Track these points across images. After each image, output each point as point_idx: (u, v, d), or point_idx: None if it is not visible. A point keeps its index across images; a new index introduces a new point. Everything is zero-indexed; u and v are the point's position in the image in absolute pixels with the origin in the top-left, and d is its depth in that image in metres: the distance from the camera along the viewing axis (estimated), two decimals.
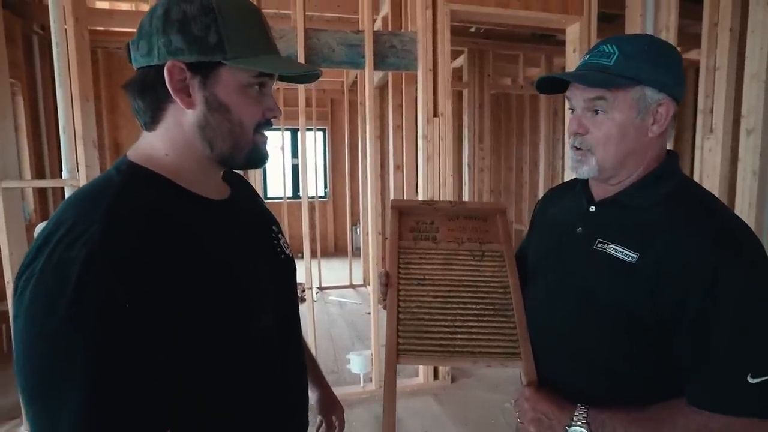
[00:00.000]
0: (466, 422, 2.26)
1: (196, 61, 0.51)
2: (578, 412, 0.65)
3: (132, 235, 0.46)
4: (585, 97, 0.68)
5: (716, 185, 2.58)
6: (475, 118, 4.56)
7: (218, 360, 0.52)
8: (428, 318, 0.76)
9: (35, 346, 0.43)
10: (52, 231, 0.46)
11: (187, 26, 0.50)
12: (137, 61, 0.54)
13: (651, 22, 2.73)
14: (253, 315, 0.57)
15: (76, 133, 2.12)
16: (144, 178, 0.53)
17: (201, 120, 0.54)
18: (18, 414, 2.19)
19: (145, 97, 0.54)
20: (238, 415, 0.56)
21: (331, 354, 3.13)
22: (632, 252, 0.65)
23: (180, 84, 0.52)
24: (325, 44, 2.37)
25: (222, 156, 0.56)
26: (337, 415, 0.88)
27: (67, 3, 2.04)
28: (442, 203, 0.90)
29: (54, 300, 0.42)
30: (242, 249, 0.60)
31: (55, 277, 0.43)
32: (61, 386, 0.41)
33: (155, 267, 0.46)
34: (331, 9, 3.93)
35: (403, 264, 0.82)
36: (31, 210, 3.77)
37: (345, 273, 5.01)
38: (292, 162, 6.26)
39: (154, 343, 0.45)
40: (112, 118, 5.00)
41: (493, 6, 2.45)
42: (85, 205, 0.49)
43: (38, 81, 3.95)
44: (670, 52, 0.67)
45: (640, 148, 0.68)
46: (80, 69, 2.07)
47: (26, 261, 0.46)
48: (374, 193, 2.65)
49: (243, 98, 0.55)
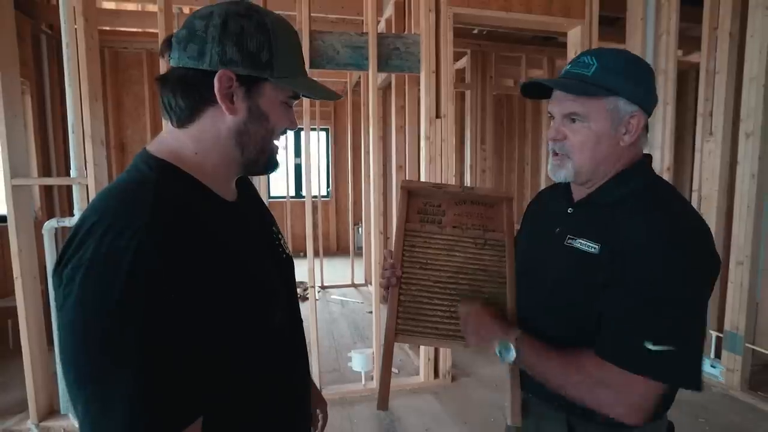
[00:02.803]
0: (466, 420, 2.28)
1: (246, 74, 0.55)
2: (512, 331, 0.72)
3: (174, 230, 0.48)
4: (562, 111, 0.74)
5: (715, 188, 2.60)
6: (478, 120, 4.59)
7: (241, 353, 0.55)
8: (427, 301, 0.80)
9: (89, 332, 0.44)
10: (95, 222, 0.47)
11: (243, 40, 0.54)
12: (181, 61, 0.55)
13: (652, 26, 2.76)
14: (269, 311, 0.60)
15: (85, 131, 2.16)
16: (175, 176, 0.56)
17: (240, 126, 0.57)
18: (24, 408, 2.23)
19: (187, 96, 0.55)
20: (258, 404, 0.59)
21: (333, 352, 3.16)
22: (594, 244, 0.70)
23: (226, 91, 0.55)
24: (329, 46, 2.40)
25: (248, 160, 0.60)
26: (320, 408, 0.91)
27: (77, 3, 2.08)
28: (451, 187, 0.92)
29: (107, 288, 0.44)
30: (253, 248, 0.63)
31: (108, 266, 0.44)
32: (115, 370, 0.44)
33: (192, 260, 0.48)
34: (336, 10, 3.97)
35: (408, 246, 0.84)
36: (38, 207, 3.81)
37: (347, 272, 5.04)
38: (295, 161, 6.29)
39: (193, 331, 0.47)
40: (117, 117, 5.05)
41: (495, 9, 2.48)
42: (126, 198, 0.51)
43: (46, 80, 3.99)
44: (644, 68, 0.73)
45: (613, 155, 0.73)
46: (89, 69, 2.11)
47: (69, 250, 0.47)
48: (376, 193, 2.68)
49: (279, 110, 0.60)
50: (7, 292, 3.16)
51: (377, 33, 2.44)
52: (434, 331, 0.77)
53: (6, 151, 2.07)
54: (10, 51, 2.08)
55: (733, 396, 2.46)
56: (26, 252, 2.15)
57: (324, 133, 6.78)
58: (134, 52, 4.96)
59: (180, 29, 0.56)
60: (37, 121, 3.88)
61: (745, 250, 2.45)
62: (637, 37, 2.80)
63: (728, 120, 2.55)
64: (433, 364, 2.67)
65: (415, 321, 0.78)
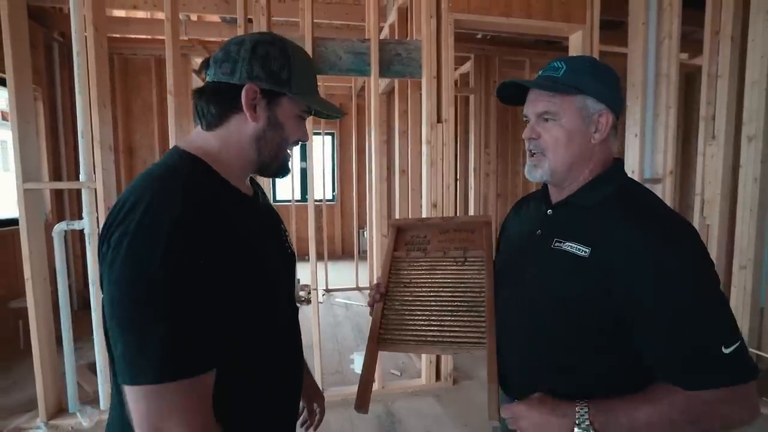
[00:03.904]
0: (467, 423, 2.29)
1: (268, 89, 0.67)
2: (579, 414, 0.65)
3: (202, 210, 0.59)
4: (536, 111, 0.78)
5: (718, 191, 2.59)
6: (482, 124, 4.61)
7: (249, 328, 0.64)
8: (408, 313, 0.86)
9: (134, 287, 0.54)
10: (136, 201, 0.57)
11: (267, 62, 0.66)
12: (216, 76, 0.67)
13: (654, 30, 2.76)
14: (277, 296, 0.70)
15: (94, 137, 2.22)
16: (201, 168, 0.66)
17: (260, 132, 0.69)
18: (34, 407, 2.28)
19: (219, 104, 0.67)
20: (264, 370, 0.69)
21: (336, 354, 3.18)
22: (585, 247, 0.71)
23: (251, 102, 0.67)
24: (332, 52, 2.45)
25: (263, 163, 0.71)
26: (318, 402, 0.96)
27: (88, 12, 2.14)
28: (434, 219, 1.01)
29: (150, 252, 0.53)
30: (264, 239, 0.72)
31: (151, 235, 0.54)
32: (152, 320, 0.53)
33: (217, 236, 0.58)
34: (340, 17, 4.02)
35: (394, 271, 0.92)
36: (48, 211, 3.89)
37: (351, 275, 5.07)
38: (301, 165, 6.35)
39: (214, 294, 0.57)
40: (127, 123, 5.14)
41: (496, 15, 2.51)
42: (162, 183, 0.61)
43: (57, 86, 4.09)
44: (609, 71, 0.78)
45: (586, 153, 0.77)
46: (99, 76, 2.17)
47: (114, 221, 0.57)
48: (379, 197, 2.71)
49: (293, 122, 0.71)
50: (18, 294, 3.23)
51: (379, 39, 2.48)
52: (413, 339, 0.82)
53: (19, 156, 2.13)
54: (23, 60, 2.15)
55: None
56: (37, 254, 2.21)
57: (329, 137, 6.84)
58: (143, 58, 5.06)
59: (217, 52, 0.69)
60: (49, 127, 3.98)
61: (748, 253, 2.44)
62: (639, 41, 2.80)
63: (730, 123, 2.55)
64: (435, 367, 2.69)
65: (397, 331, 0.84)
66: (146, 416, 0.54)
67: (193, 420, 0.55)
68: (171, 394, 0.54)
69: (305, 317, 3.92)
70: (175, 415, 0.54)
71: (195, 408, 0.56)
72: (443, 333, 0.81)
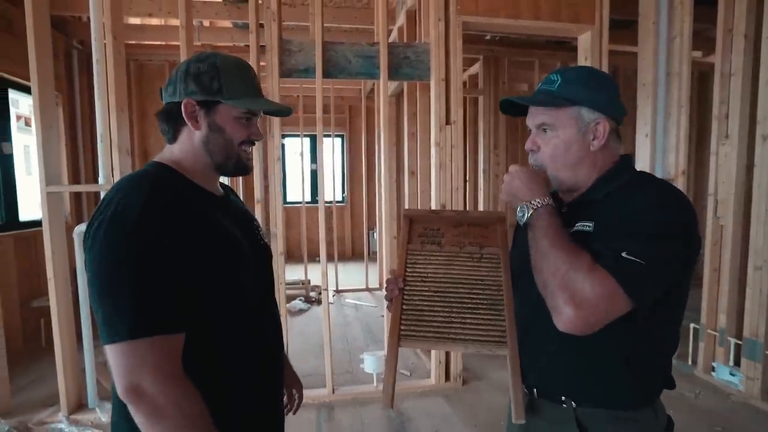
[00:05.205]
0: (476, 423, 2.30)
1: (203, 99, 0.77)
2: (537, 201, 0.78)
3: (166, 200, 0.70)
4: (534, 123, 0.82)
5: (732, 191, 2.56)
6: (491, 125, 4.61)
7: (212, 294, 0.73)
8: (428, 309, 0.85)
9: (108, 263, 0.65)
10: (113, 197, 0.69)
11: (199, 77, 0.77)
12: (166, 99, 0.80)
13: (665, 29, 2.74)
14: (239, 267, 0.79)
15: (112, 141, 2.29)
16: (168, 171, 0.79)
17: (204, 137, 0.80)
18: (56, 402, 2.36)
19: (170, 121, 0.80)
20: (238, 350, 0.78)
21: (346, 354, 3.22)
22: (588, 222, 0.77)
23: (191, 114, 0.78)
24: (342, 56, 2.49)
25: (218, 164, 0.81)
26: (296, 389, 1.05)
27: (107, 21, 2.22)
28: (448, 212, 1.00)
29: (120, 237, 0.65)
30: (233, 226, 0.82)
31: (122, 219, 0.66)
32: (124, 287, 0.64)
33: (180, 222, 0.69)
34: (349, 20, 4.07)
35: (410, 264, 0.92)
36: (68, 212, 4.01)
37: (361, 276, 5.11)
38: (312, 167, 6.41)
39: (177, 268, 0.67)
40: (141, 127, 5.26)
41: (504, 17, 2.52)
42: (133, 183, 0.73)
43: (76, 92, 4.22)
44: (605, 79, 0.81)
45: (587, 159, 0.81)
46: (117, 82, 2.25)
47: (97, 214, 0.69)
48: (389, 198, 2.73)
49: (234, 124, 0.80)
50: (40, 293, 3.34)
51: (388, 42, 2.51)
52: (435, 335, 0.81)
53: (42, 160, 2.22)
54: (47, 69, 2.23)
55: (753, 405, 2.39)
56: (59, 255, 2.29)
57: (339, 139, 6.89)
58: (158, 63, 5.18)
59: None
60: (68, 131, 4.10)
61: (764, 254, 2.40)
62: (650, 41, 2.79)
63: (744, 123, 2.51)
64: (444, 367, 2.70)
65: (417, 327, 0.82)
66: (124, 373, 0.63)
67: (166, 375, 0.64)
68: (143, 350, 0.63)
69: (316, 318, 3.97)
70: (148, 370, 0.63)
71: (167, 364, 0.65)
72: (465, 330, 0.81)
